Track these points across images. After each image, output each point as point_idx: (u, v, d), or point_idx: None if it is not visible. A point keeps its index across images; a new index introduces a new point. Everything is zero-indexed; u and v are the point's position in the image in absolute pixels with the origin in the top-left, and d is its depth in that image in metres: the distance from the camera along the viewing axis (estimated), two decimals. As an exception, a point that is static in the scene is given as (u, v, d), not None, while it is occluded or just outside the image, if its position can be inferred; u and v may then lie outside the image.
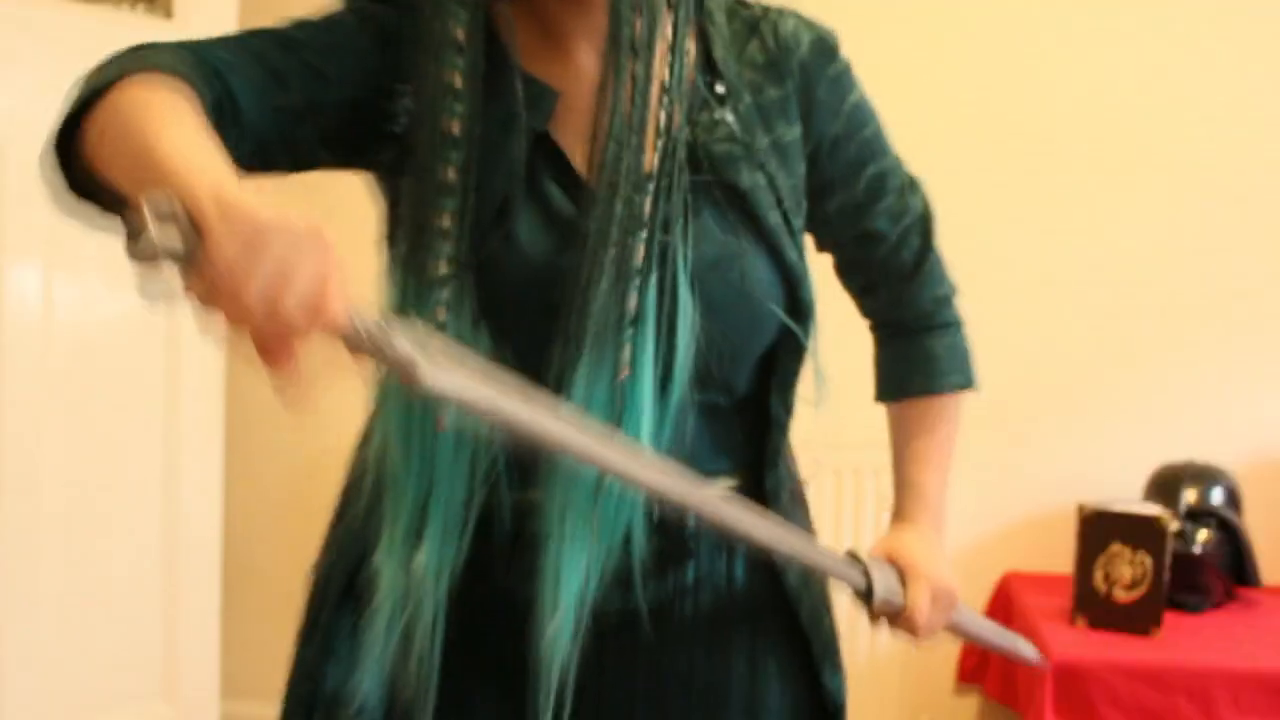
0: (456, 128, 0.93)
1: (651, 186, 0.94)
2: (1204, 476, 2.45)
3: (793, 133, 1.05)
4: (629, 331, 0.93)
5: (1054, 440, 2.66)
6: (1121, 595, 2.25)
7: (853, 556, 1.09)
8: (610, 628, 1.00)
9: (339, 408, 3.09)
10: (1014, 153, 2.63)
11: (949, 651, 2.68)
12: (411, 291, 0.93)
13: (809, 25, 1.09)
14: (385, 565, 0.98)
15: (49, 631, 2.23)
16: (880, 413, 1.37)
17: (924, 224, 1.21)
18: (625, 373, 0.93)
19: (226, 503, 2.54)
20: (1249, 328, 2.61)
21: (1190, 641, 2.22)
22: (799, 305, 1.05)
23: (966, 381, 1.19)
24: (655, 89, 0.95)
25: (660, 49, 0.95)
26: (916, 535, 1.14)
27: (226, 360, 2.48)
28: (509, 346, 0.92)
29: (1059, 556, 2.54)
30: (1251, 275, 2.61)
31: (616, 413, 0.93)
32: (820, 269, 1.17)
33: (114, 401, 2.30)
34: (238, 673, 2.79)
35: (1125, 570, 2.25)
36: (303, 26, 1.00)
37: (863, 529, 2.59)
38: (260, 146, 0.95)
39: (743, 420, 1.07)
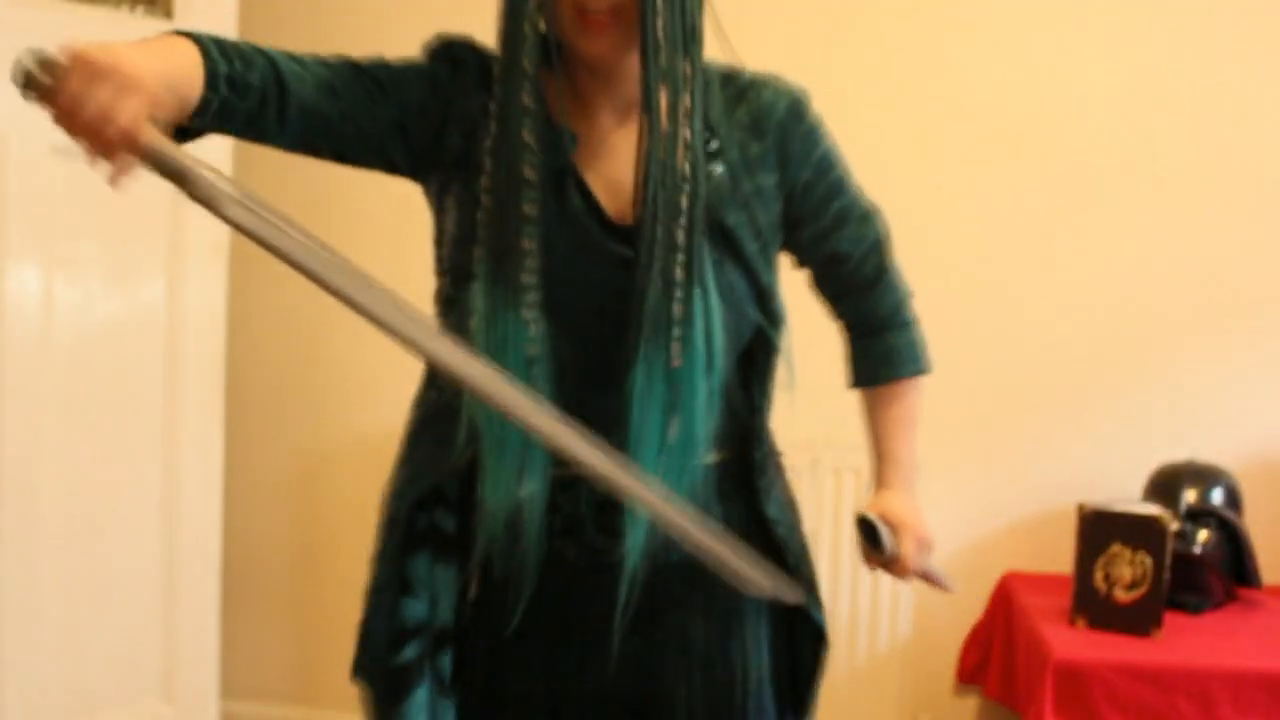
0: (531, 174, 1.20)
1: (684, 220, 1.20)
2: (1204, 476, 2.45)
3: (771, 179, 1.31)
4: (677, 330, 1.20)
5: (1054, 440, 2.66)
6: (1121, 595, 2.25)
7: (862, 517, 1.34)
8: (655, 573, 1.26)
9: (339, 410, 3.10)
10: (1016, 155, 2.63)
11: (949, 651, 2.68)
12: (502, 295, 1.20)
13: (785, 92, 1.34)
14: (492, 495, 1.24)
15: (49, 631, 2.23)
16: None
17: (880, 245, 1.43)
18: (677, 362, 1.20)
19: (226, 503, 2.54)
20: (1249, 328, 2.61)
21: (1190, 641, 2.22)
22: (771, 314, 1.32)
23: (921, 369, 1.47)
24: (681, 146, 1.20)
25: (683, 112, 1.20)
26: (897, 495, 1.38)
27: (227, 360, 2.48)
28: (565, 338, 1.21)
29: (1059, 556, 2.54)
30: (1251, 276, 2.61)
31: (675, 395, 1.20)
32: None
33: (114, 401, 2.30)
34: (238, 673, 2.79)
35: (1125, 570, 2.25)
36: (378, 61, 1.28)
37: (863, 529, 2.59)
38: (305, 135, 1.26)
39: (727, 405, 1.30)
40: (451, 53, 1.32)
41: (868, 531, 1.34)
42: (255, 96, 1.21)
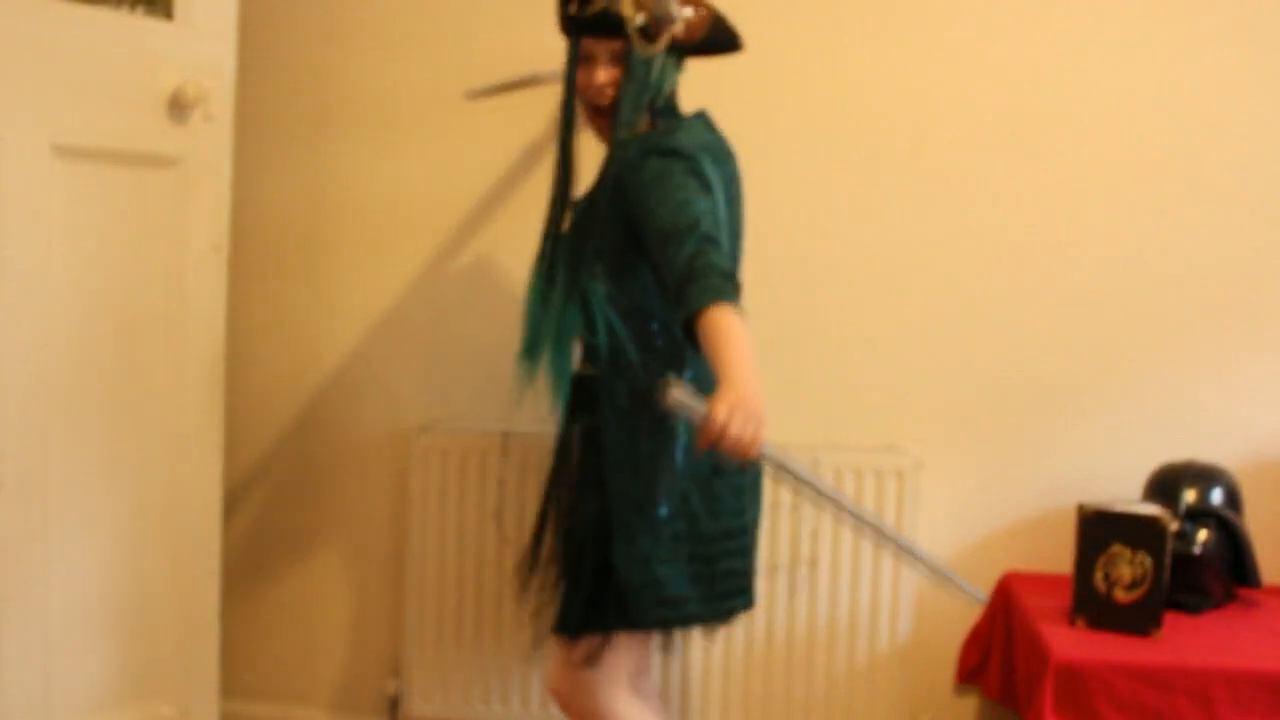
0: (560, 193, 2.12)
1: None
2: (1204, 476, 2.45)
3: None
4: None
5: (1054, 440, 2.66)
6: (1121, 595, 2.25)
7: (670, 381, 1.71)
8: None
9: (339, 410, 3.09)
10: (1015, 155, 2.63)
11: (949, 652, 2.68)
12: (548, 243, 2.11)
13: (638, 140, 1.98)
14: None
15: (49, 631, 2.23)
16: (880, 415, 1.57)
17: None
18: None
19: (226, 502, 2.54)
20: (1249, 328, 2.61)
21: (1190, 641, 2.22)
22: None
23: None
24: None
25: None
26: (728, 376, 1.68)
27: (227, 360, 2.48)
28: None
29: (1059, 556, 2.54)
30: (1252, 276, 2.61)
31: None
32: (828, 280, 1.25)
33: (114, 401, 2.30)
34: (238, 673, 2.79)
35: (1125, 570, 2.25)
36: None
37: (863, 528, 2.59)
38: None
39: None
40: None
41: (683, 401, 1.66)
42: None
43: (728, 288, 1.75)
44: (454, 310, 2.76)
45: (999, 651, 2.52)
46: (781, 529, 2.58)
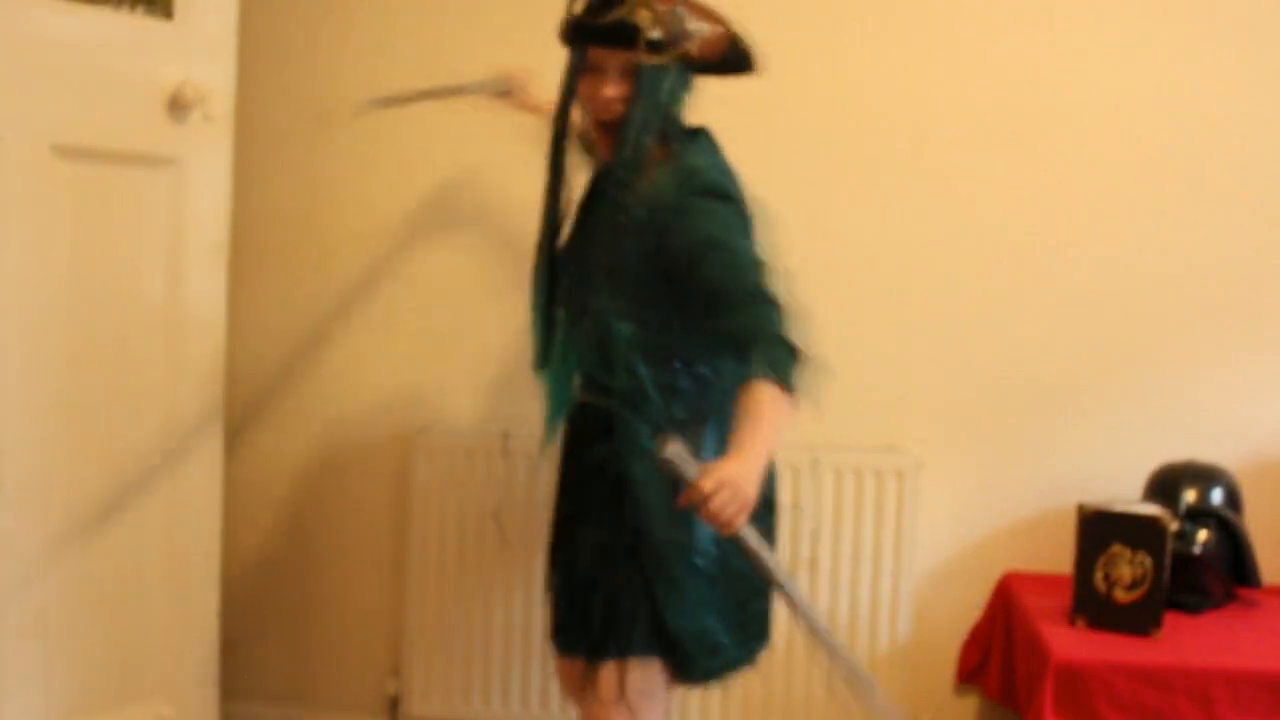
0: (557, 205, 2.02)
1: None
2: (1204, 476, 2.45)
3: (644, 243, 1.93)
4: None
5: (1054, 440, 2.66)
6: (1121, 595, 2.25)
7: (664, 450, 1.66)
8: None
9: (339, 410, 3.09)
10: (1015, 155, 2.63)
11: (949, 652, 2.68)
12: (543, 261, 2.01)
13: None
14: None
15: (49, 632, 2.23)
16: (880, 415, 1.74)
17: None
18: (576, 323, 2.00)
19: (226, 503, 2.54)
20: (1248, 328, 2.61)
21: (1190, 641, 2.22)
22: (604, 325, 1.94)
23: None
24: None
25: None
26: (736, 451, 1.66)
27: (227, 360, 2.48)
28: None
29: (1059, 556, 2.54)
30: (1252, 276, 2.60)
31: (567, 342, 1.99)
32: (828, 279, 1.24)
33: (114, 401, 2.30)
34: (238, 673, 2.79)
35: (1125, 570, 2.25)
36: None
37: (863, 528, 2.59)
38: None
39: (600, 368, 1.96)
40: None
41: (674, 461, 1.64)
42: None
43: (787, 363, 1.70)
44: (453, 311, 2.76)
45: (999, 651, 2.52)
46: (781, 529, 2.58)
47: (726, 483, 1.59)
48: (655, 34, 1.82)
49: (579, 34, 1.87)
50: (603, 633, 1.91)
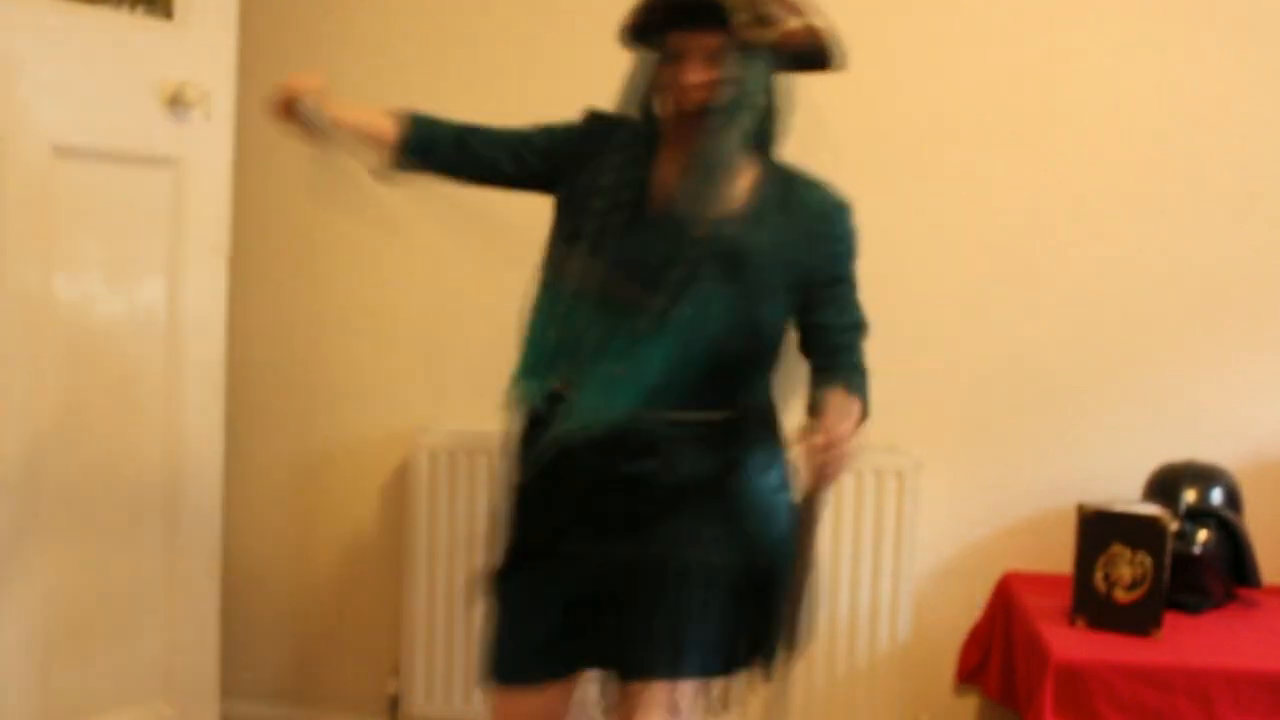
0: (614, 197, 1.85)
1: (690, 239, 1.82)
2: (1204, 476, 2.45)
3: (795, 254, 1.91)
4: (651, 312, 1.77)
5: (1054, 440, 2.66)
6: (1121, 595, 2.25)
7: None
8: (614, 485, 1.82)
9: (338, 410, 3.08)
10: (1016, 155, 2.63)
11: (949, 652, 2.68)
12: (588, 249, 1.81)
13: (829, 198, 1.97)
14: (525, 381, 1.87)
15: (49, 631, 2.24)
16: (880, 415, 1.81)
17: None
18: (645, 331, 1.75)
19: (226, 503, 2.54)
20: (1248, 328, 2.61)
21: (1190, 641, 2.22)
22: (751, 335, 1.88)
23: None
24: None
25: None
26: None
27: (227, 360, 2.48)
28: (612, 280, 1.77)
29: (1059, 556, 2.54)
30: (1251, 276, 2.60)
31: (629, 350, 1.75)
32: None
33: (114, 401, 2.30)
34: (238, 673, 2.79)
35: (1125, 570, 2.25)
36: (540, 126, 1.94)
37: (863, 528, 2.59)
38: (457, 171, 1.96)
39: (711, 381, 1.82)
40: (592, 120, 1.92)
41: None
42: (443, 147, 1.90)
43: (867, 395, 1.91)
44: (454, 310, 2.76)
45: (999, 651, 2.52)
46: (781, 529, 2.58)
47: (846, 411, 1.68)
48: (744, 16, 1.72)
49: (664, 15, 1.76)
50: (700, 650, 1.83)
